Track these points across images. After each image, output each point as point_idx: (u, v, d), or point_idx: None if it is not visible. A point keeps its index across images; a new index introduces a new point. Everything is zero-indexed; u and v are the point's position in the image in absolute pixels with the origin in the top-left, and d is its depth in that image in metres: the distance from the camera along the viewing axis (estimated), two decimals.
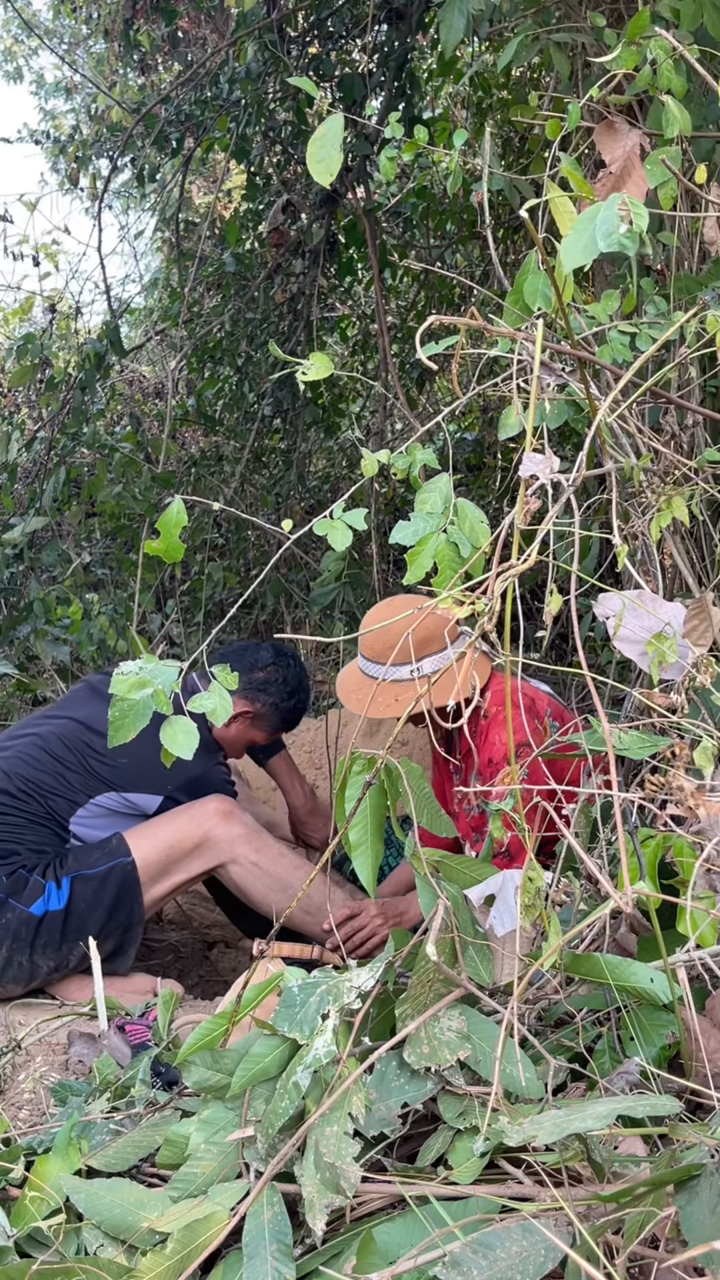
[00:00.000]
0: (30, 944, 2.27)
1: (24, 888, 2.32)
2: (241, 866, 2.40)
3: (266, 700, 2.63)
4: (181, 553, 1.29)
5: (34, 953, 2.27)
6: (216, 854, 2.38)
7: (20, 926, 2.27)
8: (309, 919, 2.43)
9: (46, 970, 2.30)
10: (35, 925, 2.27)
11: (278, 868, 2.41)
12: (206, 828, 2.38)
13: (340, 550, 1.28)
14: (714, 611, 1.58)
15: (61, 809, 2.42)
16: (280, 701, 2.65)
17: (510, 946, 1.36)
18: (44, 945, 2.28)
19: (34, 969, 2.28)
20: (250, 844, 2.40)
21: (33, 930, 2.27)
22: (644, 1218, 0.93)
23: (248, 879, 2.40)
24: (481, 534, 1.26)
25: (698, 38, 1.77)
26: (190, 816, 2.39)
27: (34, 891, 2.31)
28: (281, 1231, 1.11)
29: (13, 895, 2.30)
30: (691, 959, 1.28)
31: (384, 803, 1.36)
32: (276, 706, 2.65)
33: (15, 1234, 1.26)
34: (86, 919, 2.30)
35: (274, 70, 3.95)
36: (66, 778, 2.43)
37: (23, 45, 7.24)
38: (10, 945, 2.26)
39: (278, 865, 2.41)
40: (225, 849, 2.38)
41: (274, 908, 2.39)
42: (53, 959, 2.29)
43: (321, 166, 1.40)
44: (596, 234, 1.12)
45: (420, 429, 1.58)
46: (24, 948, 2.27)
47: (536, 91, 2.28)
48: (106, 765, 2.43)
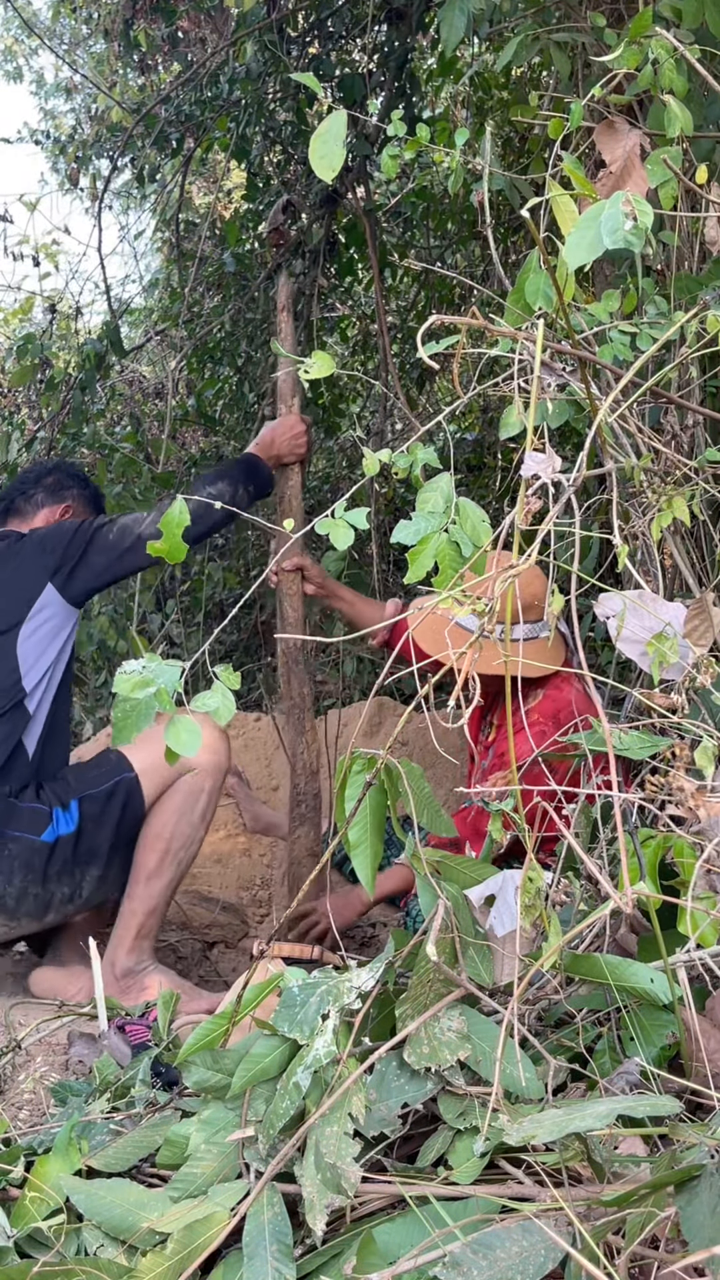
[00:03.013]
0: (44, 872, 2.24)
1: (17, 816, 2.27)
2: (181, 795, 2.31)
3: (71, 492, 2.64)
4: (184, 553, 1.29)
5: (47, 880, 2.24)
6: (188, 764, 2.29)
7: (31, 856, 2.23)
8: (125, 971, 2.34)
9: (60, 899, 2.27)
10: (48, 852, 2.24)
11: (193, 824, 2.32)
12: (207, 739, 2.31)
13: (341, 550, 1.28)
14: (714, 611, 1.58)
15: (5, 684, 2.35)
16: (81, 489, 2.67)
17: (510, 947, 1.36)
18: (57, 872, 2.25)
19: (49, 898, 2.25)
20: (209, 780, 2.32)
21: (45, 858, 2.24)
22: (645, 1218, 0.93)
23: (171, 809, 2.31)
24: (483, 533, 1.26)
25: (698, 37, 1.77)
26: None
27: (37, 819, 2.27)
28: (282, 1232, 1.10)
29: (8, 826, 2.25)
30: (691, 959, 1.28)
31: (384, 802, 1.36)
32: (81, 494, 2.67)
33: (15, 1234, 1.26)
34: (96, 837, 2.27)
35: (274, 70, 3.96)
36: None
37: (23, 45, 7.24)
38: (23, 877, 2.23)
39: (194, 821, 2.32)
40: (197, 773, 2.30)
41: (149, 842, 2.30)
42: (67, 885, 2.26)
43: (324, 162, 1.40)
44: (602, 231, 1.12)
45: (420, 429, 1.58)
46: (37, 878, 2.24)
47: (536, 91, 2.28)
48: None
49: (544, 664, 2.19)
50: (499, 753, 2.36)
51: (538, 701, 2.22)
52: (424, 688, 1.22)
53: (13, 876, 2.24)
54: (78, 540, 2.41)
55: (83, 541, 2.41)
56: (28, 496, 2.62)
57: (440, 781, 3.14)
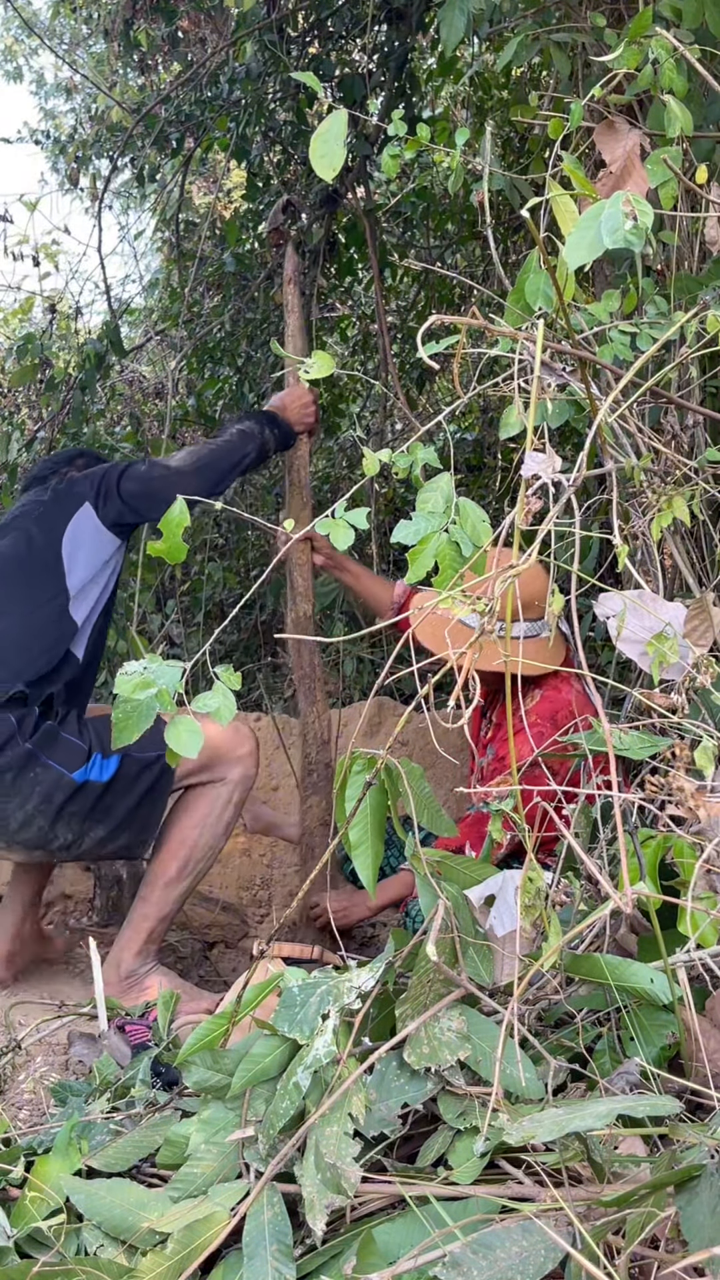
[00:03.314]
0: (59, 810, 2.21)
1: (56, 744, 2.25)
2: (207, 804, 2.33)
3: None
4: (184, 553, 1.30)
5: (58, 819, 2.22)
6: (220, 772, 2.33)
7: (54, 789, 2.21)
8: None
9: (60, 843, 2.25)
10: (71, 791, 2.22)
11: (216, 835, 2.35)
12: (242, 750, 2.34)
13: (342, 550, 1.28)
14: (714, 611, 1.58)
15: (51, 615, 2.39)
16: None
17: (510, 947, 1.36)
18: (71, 815, 2.23)
19: (49, 837, 2.23)
20: (237, 791, 2.35)
21: (66, 796, 2.22)
22: (645, 1218, 0.93)
23: (197, 818, 2.33)
24: (483, 533, 1.26)
25: (698, 37, 1.77)
26: (235, 730, 2.36)
27: (74, 755, 2.26)
28: (282, 1232, 1.10)
29: (44, 750, 2.24)
30: (691, 959, 1.28)
31: (384, 803, 1.36)
32: None
33: (15, 1234, 1.26)
34: (120, 798, 2.26)
35: (274, 70, 3.95)
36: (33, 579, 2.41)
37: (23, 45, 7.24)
38: (37, 805, 2.21)
39: (218, 833, 2.35)
40: (227, 775, 2.33)
41: (173, 849, 2.31)
42: (72, 832, 2.24)
43: (324, 162, 1.40)
44: (602, 230, 1.12)
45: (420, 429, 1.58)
46: (50, 812, 2.21)
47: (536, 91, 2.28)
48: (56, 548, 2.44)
49: (545, 662, 2.19)
50: (498, 754, 2.36)
51: (535, 702, 2.22)
52: (424, 688, 1.22)
53: (26, 803, 2.20)
54: (115, 470, 2.53)
55: (118, 471, 2.51)
56: (60, 475, 2.70)
57: (440, 781, 3.14)
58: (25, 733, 2.24)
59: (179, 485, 2.46)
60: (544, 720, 2.17)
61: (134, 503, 2.48)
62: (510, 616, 2.18)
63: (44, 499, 2.56)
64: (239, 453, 2.52)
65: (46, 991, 2.40)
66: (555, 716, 2.18)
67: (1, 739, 2.21)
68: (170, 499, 2.51)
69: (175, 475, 2.48)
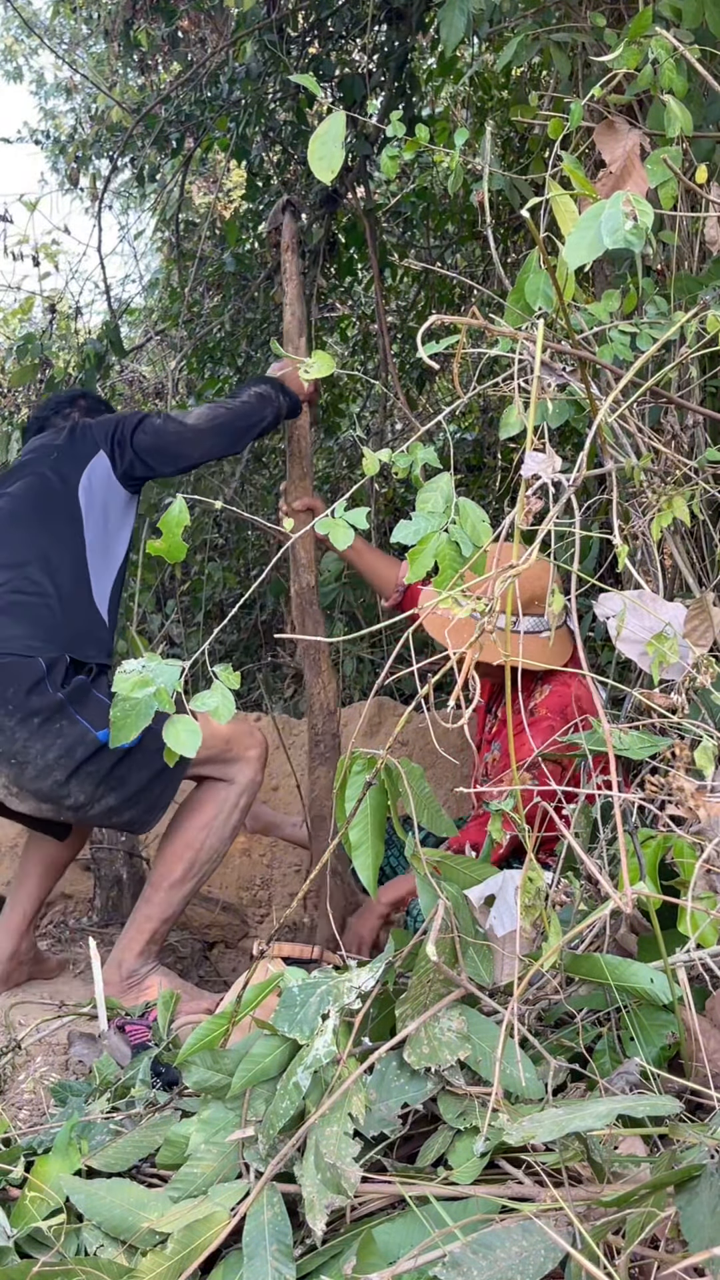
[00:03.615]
0: (78, 766, 2.18)
1: (87, 700, 2.23)
2: (214, 807, 2.32)
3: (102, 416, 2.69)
4: (184, 552, 1.29)
5: (73, 775, 2.19)
6: (229, 772, 2.32)
7: (77, 744, 2.18)
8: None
9: (70, 802, 2.21)
10: (93, 750, 2.19)
11: (222, 839, 2.33)
12: (253, 752, 2.34)
13: (341, 549, 1.28)
14: (714, 611, 1.58)
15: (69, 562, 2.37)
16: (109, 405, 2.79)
17: (510, 947, 1.36)
18: (88, 775, 2.20)
19: (62, 793, 2.20)
20: (244, 796, 2.34)
21: (88, 753, 2.18)
22: (645, 1218, 0.93)
23: (203, 821, 2.31)
24: (483, 533, 1.26)
25: (698, 37, 1.77)
26: (249, 728, 2.36)
27: (102, 713, 2.21)
28: (281, 1232, 1.10)
29: (75, 704, 2.21)
30: (691, 959, 1.28)
31: (384, 803, 1.36)
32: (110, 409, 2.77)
33: (15, 1234, 1.26)
34: (137, 769, 2.23)
35: (274, 70, 3.95)
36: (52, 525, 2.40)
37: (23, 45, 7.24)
38: (58, 756, 2.18)
39: (223, 836, 2.34)
40: (236, 777, 2.32)
41: (179, 850, 2.30)
42: (84, 793, 2.21)
43: (323, 164, 1.40)
44: (602, 231, 1.12)
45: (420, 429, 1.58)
46: (69, 766, 2.18)
47: (536, 91, 2.28)
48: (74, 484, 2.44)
49: (551, 658, 2.20)
50: (506, 750, 2.36)
51: (544, 696, 2.22)
52: (424, 688, 1.22)
53: (47, 751, 2.18)
54: (130, 420, 2.51)
55: (133, 423, 2.49)
56: (64, 414, 2.69)
57: (440, 781, 3.14)
58: (56, 681, 2.21)
59: (194, 443, 2.46)
60: (554, 714, 2.17)
61: (146, 456, 2.46)
62: (517, 611, 2.20)
63: (58, 443, 2.52)
64: (256, 415, 2.50)
65: (46, 991, 2.40)
66: (564, 711, 2.18)
67: (30, 681, 2.19)
68: (184, 456, 2.53)
69: (191, 433, 2.46)
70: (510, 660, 1.33)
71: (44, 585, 2.33)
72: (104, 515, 2.46)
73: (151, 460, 2.47)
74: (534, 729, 2.13)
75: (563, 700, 2.20)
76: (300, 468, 2.72)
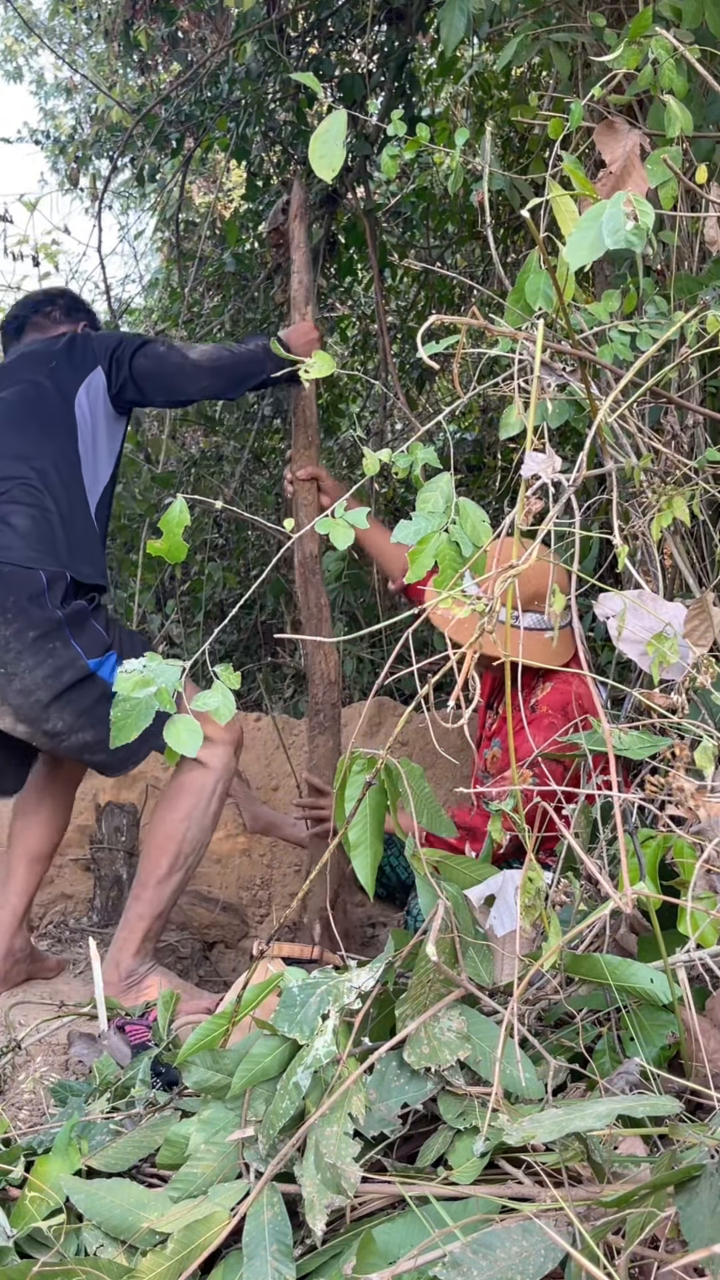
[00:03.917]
0: (63, 691, 2.16)
1: (84, 627, 2.20)
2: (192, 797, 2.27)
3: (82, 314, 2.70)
4: (184, 553, 1.29)
5: (57, 700, 2.16)
6: (204, 754, 2.24)
7: (66, 668, 2.16)
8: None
9: (48, 727, 2.18)
10: (81, 676, 2.16)
11: (204, 828, 2.29)
12: (229, 734, 2.29)
13: (341, 550, 1.28)
14: (714, 611, 1.58)
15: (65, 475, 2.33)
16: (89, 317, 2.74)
17: (510, 947, 1.36)
18: (70, 702, 2.17)
19: (41, 716, 2.17)
20: (221, 781, 2.29)
21: (75, 679, 2.16)
22: (645, 1218, 0.93)
23: (182, 812, 2.26)
24: (483, 533, 1.26)
25: (698, 37, 1.77)
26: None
27: (96, 643, 2.20)
28: (281, 1232, 1.10)
29: (71, 626, 2.18)
30: (691, 959, 1.28)
31: (384, 803, 1.36)
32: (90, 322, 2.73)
33: (15, 1234, 1.26)
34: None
35: (274, 70, 3.95)
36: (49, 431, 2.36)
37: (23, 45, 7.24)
38: (45, 676, 2.14)
39: (205, 825, 2.29)
40: (211, 762, 2.26)
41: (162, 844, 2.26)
42: (62, 722, 2.18)
43: (324, 162, 1.40)
44: (602, 231, 1.12)
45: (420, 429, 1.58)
46: (55, 688, 2.15)
47: (536, 91, 2.28)
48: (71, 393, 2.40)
49: (553, 656, 2.21)
50: (506, 746, 2.37)
51: (546, 693, 2.22)
52: (424, 688, 1.22)
53: (36, 669, 2.14)
54: (134, 342, 2.47)
55: (135, 345, 2.46)
56: (45, 313, 2.66)
57: (440, 781, 3.14)
58: (55, 597, 2.19)
59: (192, 379, 2.44)
60: (555, 711, 2.17)
61: (142, 381, 2.43)
62: (520, 607, 2.20)
63: (55, 350, 2.48)
64: (259, 365, 2.48)
65: (46, 991, 2.40)
66: (566, 708, 2.18)
67: (30, 593, 2.16)
68: (179, 390, 2.51)
69: (191, 368, 2.43)
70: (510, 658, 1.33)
71: (42, 497, 2.30)
72: (94, 433, 2.41)
73: (146, 386, 2.43)
74: (534, 726, 2.13)
75: (564, 698, 2.20)
76: (305, 435, 2.69)
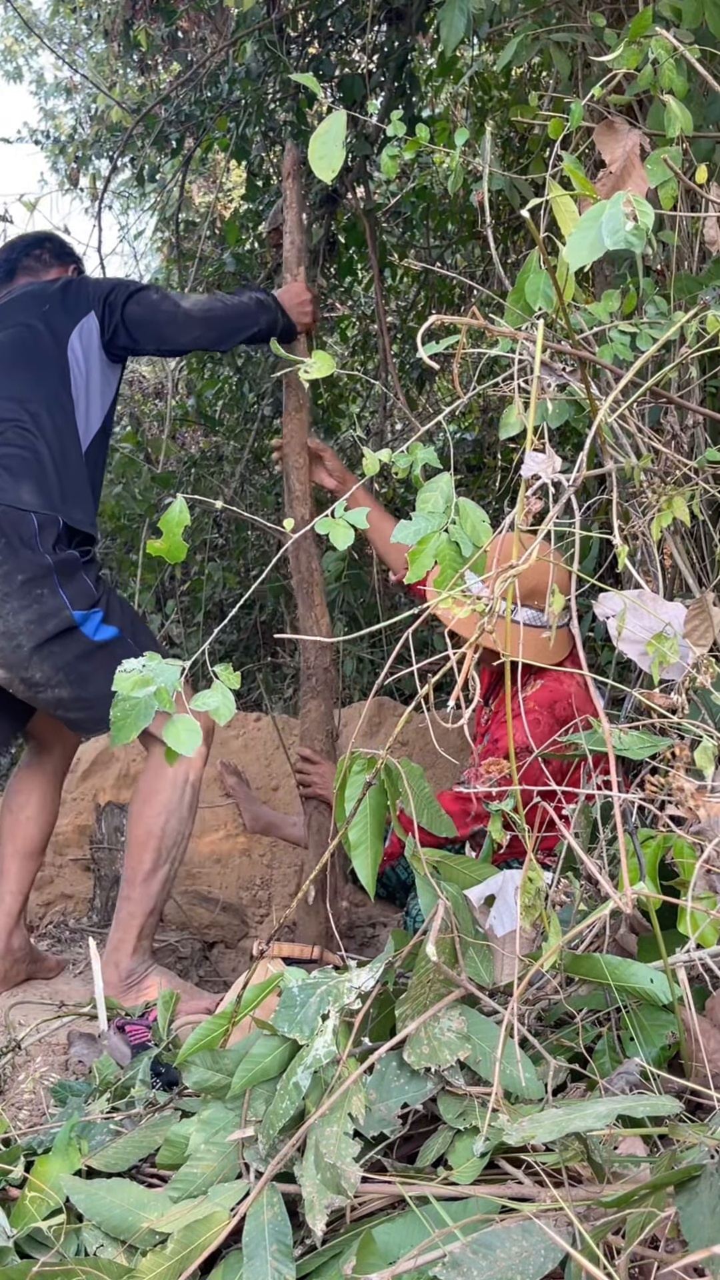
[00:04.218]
0: (46, 640, 2.14)
1: (73, 577, 2.18)
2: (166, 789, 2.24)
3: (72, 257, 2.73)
4: (184, 553, 1.29)
5: (39, 650, 2.14)
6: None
7: (51, 615, 2.14)
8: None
9: (27, 675, 2.16)
10: (65, 628, 2.15)
11: (182, 819, 2.26)
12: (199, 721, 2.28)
13: (341, 550, 1.28)
14: (714, 611, 1.58)
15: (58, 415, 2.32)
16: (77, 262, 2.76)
17: (510, 947, 1.36)
18: (52, 653, 2.15)
19: (25, 662, 2.15)
20: (192, 770, 2.26)
21: (59, 629, 2.14)
22: (645, 1218, 0.93)
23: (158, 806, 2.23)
24: (483, 533, 1.26)
25: (698, 37, 1.77)
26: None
27: (83, 595, 2.19)
28: (281, 1232, 1.10)
29: (60, 574, 2.16)
30: (691, 959, 1.28)
31: (384, 803, 1.36)
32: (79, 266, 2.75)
33: (15, 1234, 1.26)
34: (95, 673, 2.17)
35: (274, 70, 3.96)
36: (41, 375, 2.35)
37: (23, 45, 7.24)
38: (28, 621, 2.12)
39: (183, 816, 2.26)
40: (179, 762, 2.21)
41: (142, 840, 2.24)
42: (43, 673, 2.16)
43: (324, 163, 1.40)
44: (602, 231, 1.12)
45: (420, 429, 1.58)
46: (38, 636, 2.14)
47: (536, 91, 2.28)
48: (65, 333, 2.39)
49: (548, 653, 2.21)
50: (494, 738, 2.36)
51: (535, 690, 2.22)
52: (424, 688, 1.22)
53: (20, 613, 2.13)
54: (127, 287, 2.46)
55: (128, 291, 2.45)
56: (35, 255, 2.66)
57: (440, 781, 3.14)
58: (47, 542, 2.17)
59: (183, 328, 2.43)
60: (542, 707, 2.17)
61: (133, 328, 2.41)
62: (520, 601, 2.20)
63: (50, 293, 2.47)
64: (251, 318, 2.47)
65: (46, 991, 2.39)
66: (554, 706, 2.18)
67: (21, 535, 2.15)
68: (169, 338, 2.50)
69: (183, 316, 2.42)
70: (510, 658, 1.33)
71: (35, 440, 2.28)
72: (87, 378, 2.40)
73: (137, 333, 2.42)
74: (517, 721, 2.14)
75: (553, 695, 2.19)
76: (296, 398, 2.67)
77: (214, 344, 2.52)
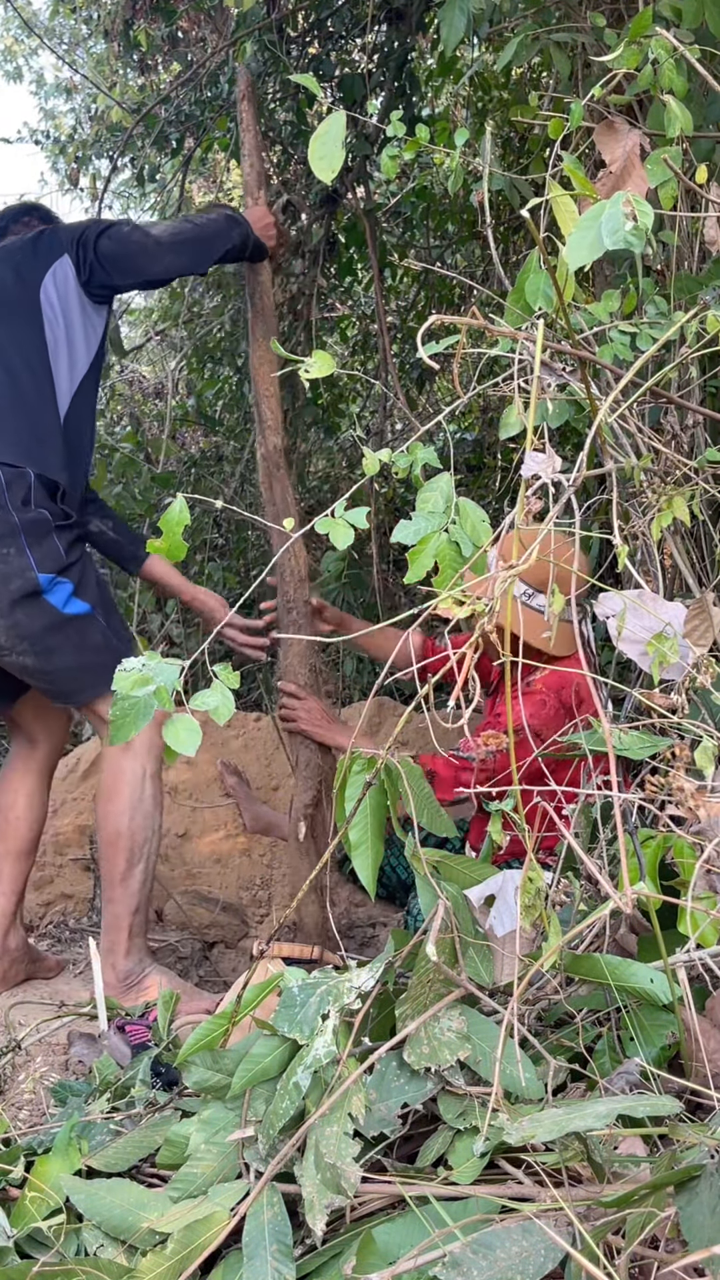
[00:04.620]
0: (10, 605, 2.12)
1: (43, 540, 2.15)
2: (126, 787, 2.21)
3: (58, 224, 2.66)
4: (184, 552, 1.29)
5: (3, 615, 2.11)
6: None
7: (15, 576, 2.12)
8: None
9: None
10: (29, 591, 2.12)
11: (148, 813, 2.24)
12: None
13: (341, 550, 1.28)
14: (714, 611, 1.58)
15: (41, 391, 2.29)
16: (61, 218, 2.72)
17: (510, 947, 1.36)
18: (17, 623, 2.13)
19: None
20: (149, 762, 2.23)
21: (24, 593, 2.12)
22: (645, 1218, 0.93)
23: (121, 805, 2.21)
24: (483, 533, 1.26)
25: (698, 37, 1.77)
26: None
27: (52, 559, 2.16)
28: (281, 1232, 1.10)
29: (28, 534, 2.14)
30: (691, 959, 1.28)
31: (384, 803, 1.36)
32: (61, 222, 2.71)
33: (15, 1234, 1.26)
34: (61, 647, 2.17)
35: (274, 70, 3.95)
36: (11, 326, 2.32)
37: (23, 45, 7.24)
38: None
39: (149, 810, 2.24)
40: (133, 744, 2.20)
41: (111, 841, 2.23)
42: (7, 638, 2.14)
43: (324, 164, 1.40)
44: (602, 231, 1.12)
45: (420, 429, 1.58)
46: (8, 604, 2.11)
47: (536, 91, 2.28)
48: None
49: (565, 643, 2.22)
50: (495, 713, 2.37)
51: (545, 673, 2.22)
52: (424, 688, 1.22)
53: None
54: (98, 225, 2.45)
55: (99, 229, 2.43)
56: (23, 221, 2.64)
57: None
58: (15, 499, 2.14)
59: (156, 257, 2.41)
60: (550, 690, 2.18)
61: (107, 264, 2.39)
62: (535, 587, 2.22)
63: (21, 244, 2.45)
64: (223, 236, 2.45)
65: (46, 991, 2.39)
66: (561, 691, 2.18)
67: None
68: (143, 270, 2.47)
69: (154, 245, 2.40)
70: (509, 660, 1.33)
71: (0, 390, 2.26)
72: (65, 321, 2.38)
73: (111, 268, 2.40)
74: (526, 699, 2.14)
75: (562, 680, 2.20)
76: (264, 325, 2.64)
77: (191, 267, 2.50)
